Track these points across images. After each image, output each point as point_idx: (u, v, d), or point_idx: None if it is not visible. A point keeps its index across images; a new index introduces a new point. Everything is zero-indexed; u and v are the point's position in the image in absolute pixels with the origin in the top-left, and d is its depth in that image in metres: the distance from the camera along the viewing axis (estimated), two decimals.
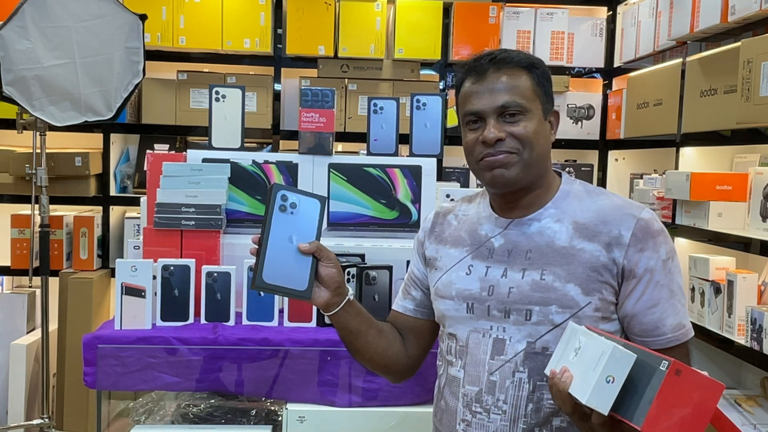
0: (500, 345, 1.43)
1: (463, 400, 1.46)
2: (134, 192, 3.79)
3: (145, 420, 2.15)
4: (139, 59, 3.08)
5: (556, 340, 1.37)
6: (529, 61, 1.46)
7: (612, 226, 1.41)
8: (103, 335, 2.07)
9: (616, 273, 1.41)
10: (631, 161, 3.85)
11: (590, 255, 1.41)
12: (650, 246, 1.41)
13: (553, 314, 1.40)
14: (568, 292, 1.39)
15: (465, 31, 3.74)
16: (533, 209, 1.47)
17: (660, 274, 1.41)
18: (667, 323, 1.41)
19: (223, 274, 2.16)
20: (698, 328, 2.76)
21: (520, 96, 1.42)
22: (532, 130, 1.42)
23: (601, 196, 1.48)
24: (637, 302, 1.41)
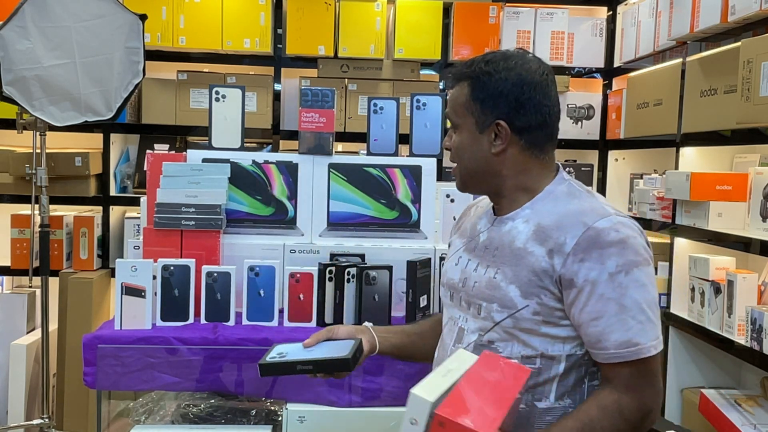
0: (461, 334, 1.53)
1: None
2: (134, 192, 3.79)
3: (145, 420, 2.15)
4: (139, 59, 3.08)
5: (499, 337, 1.45)
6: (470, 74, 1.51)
7: (561, 232, 1.41)
8: (103, 335, 2.07)
9: (555, 280, 1.40)
10: (631, 161, 3.85)
11: (535, 259, 1.42)
12: (594, 257, 1.37)
13: (494, 312, 1.45)
14: (508, 293, 1.43)
15: (465, 31, 3.74)
16: (513, 208, 1.52)
17: (605, 287, 1.36)
18: (610, 338, 1.36)
19: (223, 274, 2.16)
20: (698, 328, 2.77)
21: (453, 111, 1.53)
22: (457, 144, 1.53)
23: (575, 200, 1.47)
24: (581, 313, 1.38)
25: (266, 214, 2.38)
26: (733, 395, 2.75)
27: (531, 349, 1.43)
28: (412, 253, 2.30)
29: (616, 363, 1.37)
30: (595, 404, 1.37)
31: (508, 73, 1.48)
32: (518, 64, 1.49)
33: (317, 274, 2.17)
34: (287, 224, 2.38)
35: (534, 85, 1.48)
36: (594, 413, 1.36)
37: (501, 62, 1.49)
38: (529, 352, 1.43)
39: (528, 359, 1.43)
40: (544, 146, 1.52)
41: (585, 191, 1.51)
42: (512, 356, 1.43)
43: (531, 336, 1.43)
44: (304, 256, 2.30)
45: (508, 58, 1.50)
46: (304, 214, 2.39)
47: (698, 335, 2.81)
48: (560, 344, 1.43)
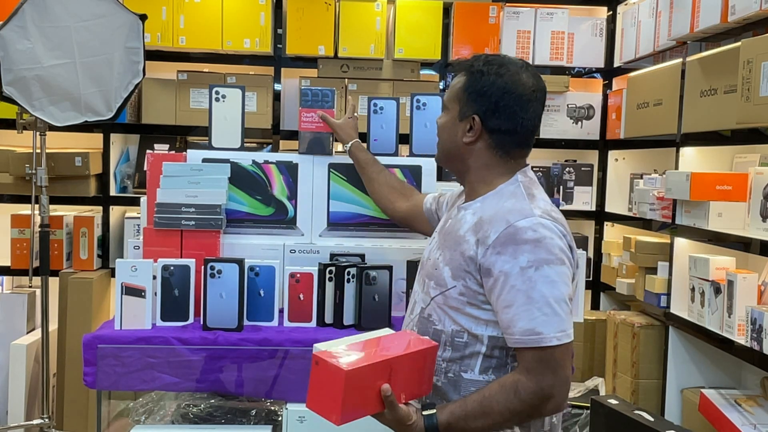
0: (413, 306, 1.73)
1: None
2: (134, 192, 3.79)
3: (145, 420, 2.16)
4: (139, 59, 3.08)
5: (434, 310, 1.64)
6: (468, 68, 1.66)
7: (489, 226, 1.56)
8: (103, 335, 2.07)
9: (476, 268, 1.56)
10: (631, 161, 3.85)
11: (467, 246, 1.59)
12: (509, 252, 1.51)
13: (431, 288, 1.65)
14: (443, 273, 1.62)
15: (465, 31, 3.74)
16: (470, 199, 1.69)
17: (516, 279, 1.50)
18: (517, 325, 1.50)
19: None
20: (698, 328, 2.77)
21: (447, 95, 1.71)
22: (440, 124, 1.73)
23: (512, 200, 1.60)
24: (497, 300, 1.54)
25: (266, 214, 2.38)
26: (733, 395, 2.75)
27: (459, 326, 1.61)
28: (412, 253, 2.30)
29: (520, 348, 1.52)
30: (498, 382, 1.54)
31: (498, 78, 1.62)
32: (511, 73, 1.63)
33: (317, 274, 2.17)
34: (287, 224, 2.38)
35: (516, 96, 1.62)
36: (494, 388, 1.53)
37: (496, 66, 1.64)
38: (458, 327, 1.61)
39: (457, 333, 1.61)
40: (510, 150, 1.65)
41: (526, 194, 1.61)
42: (445, 330, 1.62)
43: (458, 314, 1.60)
44: (304, 256, 2.30)
45: (504, 65, 1.64)
46: (304, 214, 2.39)
47: (698, 335, 2.82)
48: (483, 326, 1.59)
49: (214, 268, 2.10)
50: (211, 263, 2.11)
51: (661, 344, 3.08)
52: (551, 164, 3.92)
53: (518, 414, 1.52)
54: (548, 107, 3.87)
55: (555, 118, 3.88)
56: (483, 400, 1.52)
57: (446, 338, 1.61)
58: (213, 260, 2.12)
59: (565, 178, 3.90)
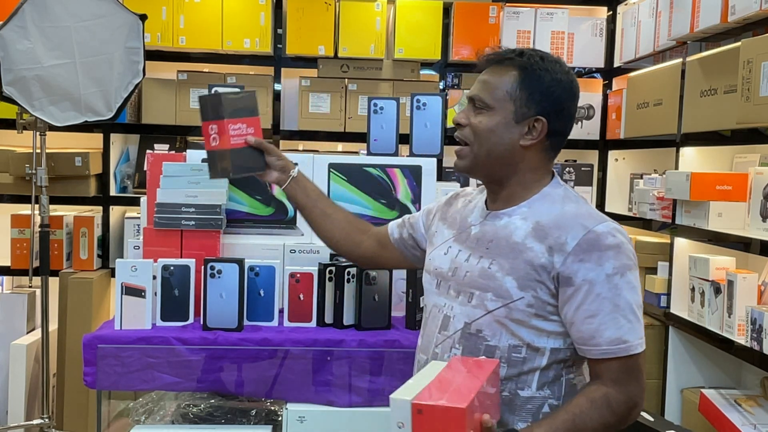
0: (447, 321, 1.57)
1: (417, 366, 1.64)
2: (134, 192, 3.79)
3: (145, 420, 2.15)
4: (139, 59, 3.08)
5: (488, 325, 1.50)
6: (523, 64, 1.53)
7: (563, 231, 1.47)
8: (103, 335, 2.07)
9: (552, 276, 1.47)
10: (631, 161, 3.85)
11: (534, 254, 1.48)
12: (593, 258, 1.45)
13: (488, 301, 1.50)
14: (504, 284, 1.49)
15: (465, 31, 3.74)
16: (509, 204, 1.57)
17: (602, 287, 1.44)
18: (604, 335, 1.44)
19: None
20: (698, 328, 2.77)
21: (488, 93, 1.53)
22: (485, 126, 1.53)
23: (571, 204, 1.53)
24: (577, 311, 1.45)
25: (266, 214, 2.38)
26: (733, 395, 2.75)
27: (518, 340, 1.50)
28: None
29: (606, 359, 1.45)
30: (585, 398, 1.45)
31: (564, 75, 1.54)
32: (569, 71, 1.57)
33: (317, 274, 2.17)
34: (287, 224, 2.38)
35: (575, 96, 1.57)
36: (584, 405, 1.43)
37: (557, 64, 1.55)
38: (516, 341, 1.50)
39: (514, 348, 1.50)
40: (558, 152, 1.60)
41: (580, 197, 1.58)
42: (499, 345, 1.50)
43: (520, 327, 1.49)
44: (304, 256, 2.30)
45: (560, 62, 1.57)
46: None
47: (698, 335, 2.82)
48: (545, 338, 1.50)
49: (214, 268, 2.10)
50: (211, 263, 2.11)
51: (661, 344, 3.08)
52: None
53: (611, 427, 1.46)
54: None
55: None
56: (575, 418, 1.42)
57: (501, 354, 1.50)
58: (213, 260, 2.12)
59: (565, 178, 3.90)
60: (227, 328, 2.10)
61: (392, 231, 1.88)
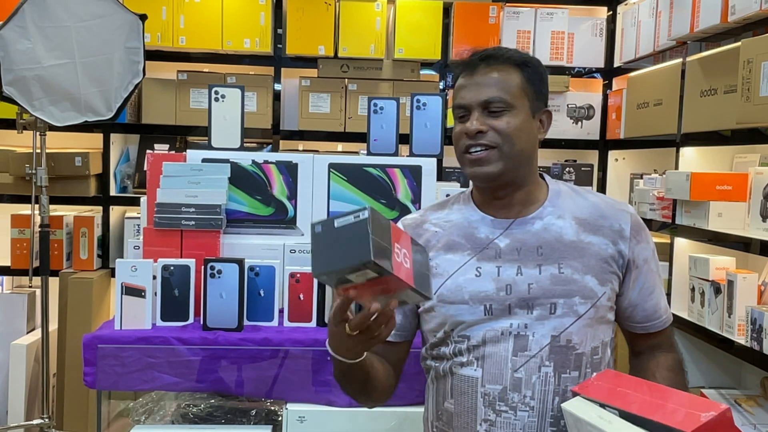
0: (523, 341, 1.43)
1: (484, 400, 1.44)
2: (134, 192, 3.79)
3: (145, 420, 2.15)
4: (139, 59, 3.08)
5: (578, 332, 1.44)
6: (522, 59, 1.51)
7: (612, 220, 1.51)
8: (103, 335, 2.07)
9: (621, 264, 1.50)
10: (631, 161, 3.85)
11: (598, 248, 1.48)
12: (644, 237, 1.54)
13: (577, 305, 1.44)
14: (587, 284, 1.46)
15: (465, 31, 3.74)
16: (533, 208, 1.52)
17: (654, 263, 1.55)
18: (661, 306, 1.56)
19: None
20: (698, 328, 2.76)
21: (505, 92, 1.46)
22: (514, 125, 1.46)
23: (589, 195, 1.58)
24: (641, 291, 1.53)
25: (266, 214, 2.38)
26: (733, 395, 2.75)
27: (597, 339, 1.48)
28: None
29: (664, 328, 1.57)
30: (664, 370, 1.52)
31: (544, 67, 1.57)
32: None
33: None
34: (287, 224, 2.38)
35: None
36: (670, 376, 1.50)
37: (529, 55, 1.57)
38: (596, 342, 1.48)
39: (594, 350, 1.48)
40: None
41: (581, 188, 1.63)
42: (585, 351, 1.45)
43: (600, 324, 1.49)
44: (304, 256, 2.29)
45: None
46: (304, 214, 2.38)
47: (698, 335, 2.81)
48: (609, 329, 1.53)
49: (214, 268, 2.10)
50: (211, 263, 2.11)
51: None
52: (551, 164, 3.91)
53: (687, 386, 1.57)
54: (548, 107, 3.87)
55: (555, 118, 3.85)
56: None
57: (586, 360, 1.45)
58: (213, 260, 2.12)
59: (565, 178, 3.90)
60: (227, 328, 2.10)
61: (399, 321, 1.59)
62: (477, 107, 1.47)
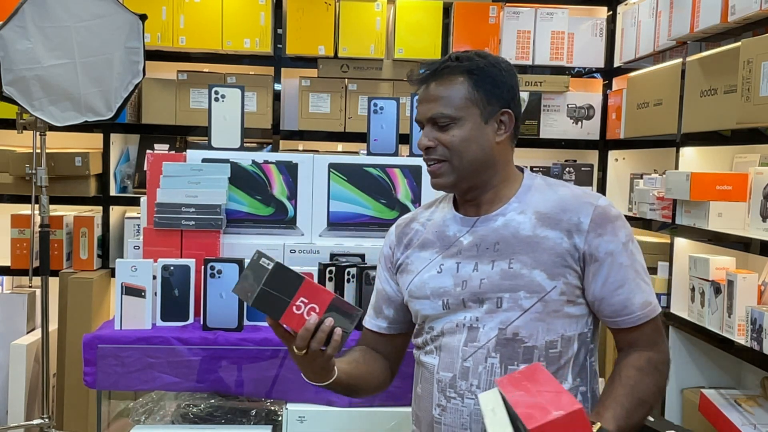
0: (474, 333, 1.50)
1: (437, 386, 1.53)
2: (134, 192, 3.79)
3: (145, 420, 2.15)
4: (139, 59, 3.08)
5: (525, 325, 1.47)
6: (469, 68, 1.51)
7: (572, 213, 1.50)
8: (103, 335, 2.07)
9: (578, 258, 1.49)
10: (631, 161, 3.85)
11: (553, 242, 1.49)
12: (609, 230, 1.48)
13: (522, 299, 1.47)
14: (534, 278, 1.47)
15: (465, 31, 3.74)
16: (498, 205, 1.55)
17: (622, 256, 1.48)
18: (635, 302, 1.49)
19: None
20: (698, 328, 2.77)
21: (449, 106, 1.49)
22: (459, 138, 1.50)
23: (561, 188, 1.56)
24: (605, 284, 1.49)
25: (266, 214, 2.38)
26: (733, 395, 2.75)
27: (553, 333, 1.49)
28: None
29: (640, 324, 1.49)
30: (632, 367, 1.48)
31: (504, 63, 1.55)
32: (504, 58, 1.59)
33: (317, 274, 2.17)
34: (287, 224, 2.38)
35: (517, 77, 1.58)
36: (635, 375, 1.46)
37: (493, 56, 1.56)
38: (552, 336, 1.49)
39: (550, 344, 1.49)
40: (517, 138, 1.59)
41: (561, 182, 1.61)
42: (537, 344, 1.48)
43: (555, 318, 1.49)
44: (304, 256, 2.30)
45: (492, 54, 1.58)
46: (304, 214, 2.39)
47: (698, 335, 2.81)
48: (575, 323, 1.51)
49: (214, 268, 2.10)
50: (211, 263, 2.11)
51: None
52: (551, 164, 3.91)
53: (663, 389, 1.52)
54: (548, 107, 3.87)
55: (555, 118, 3.88)
56: (632, 390, 1.44)
57: (539, 354, 1.48)
58: (213, 260, 2.12)
59: (565, 178, 3.90)
60: (227, 328, 2.10)
61: (377, 326, 1.69)
62: (427, 123, 1.53)
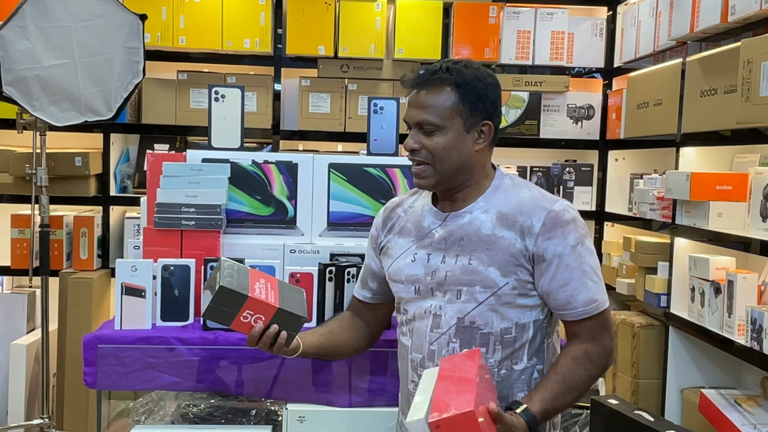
0: (438, 320, 1.68)
1: (411, 365, 1.73)
2: (134, 192, 3.79)
3: (145, 420, 2.15)
4: (139, 59, 3.08)
5: (480, 315, 1.64)
6: (457, 81, 1.65)
7: (526, 216, 1.64)
8: (103, 335, 2.07)
9: (528, 258, 1.63)
10: (631, 161, 3.85)
11: (508, 242, 1.64)
12: (558, 234, 1.62)
13: (477, 293, 1.64)
14: (489, 275, 1.64)
15: (465, 31, 3.74)
16: (467, 203, 1.70)
17: (569, 258, 1.62)
18: (578, 299, 1.63)
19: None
20: (698, 328, 2.77)
21: (436, 115, 1.65)
22: (442, 145, 1.65)
23: (524, 190, 1.70)
24: (551, 282, 1.63)
25: (266, 214, 2.38)
26: (733, 395, 2.75)
27: (507, 321, 1.65)
28: None
29: (582, 319, 1.64)
30: (569, 357, 1.64)
31: (490, 77, 1.69)
32: (489, 72, 1.71)
33: (317, 274, 2.17)
34: (287, 224, 2.38)
35: (500, 90, 1.72)
36: (569, 364, 1.63)
37: (480, 69, 1.69)
38: (506, 324, 1.66)
39: (505, 330, 1.66)
40: (495, 144, 1.74)
41: (525, 183, 1.74)
42: (492, 331, 1.65)
43: (508, 309, 1.65)
44: (304, 256, 2.30)
45: (480, 66, 1.70)
46: (304, 214, 2.38)
47: (698, 335, 2.82)
48: (529, 312, 1.67)
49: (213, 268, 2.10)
50: (211, 263, 2.11)
51: (661, 344, 3.08)
52: (551, 164, 3.92)
53: (595, 378, 1.65)
54: (548, 107, 3.87)
55: (555, 118, 3.88)
56: (564, 378, 1.61)
57: (495, 339, 1.66)
58: (213, 260, 2.12)
59: (565, 178, 3.91)
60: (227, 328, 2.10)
61: (363, 295, 1.93)
62: (414, 126, 1.69)
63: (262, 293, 1.71)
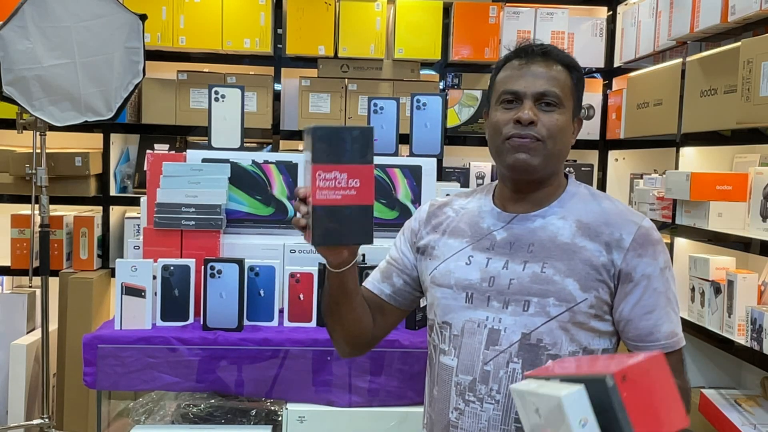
0: (495, 335, 1.45)
1: (456, 389, 1.48)
2: (134, 192, 3.79)
3: (145, 420, 2.15)
4: (139, 59, 3.08)
5: (549, 332, 1.42)
6: (572, 63, 1.53)
7: (614, 228, 1.45)
8: (103, 335, 2.07)
9: (613, 274, 1.44)
10: (631, 161, 3.85)
11: (590, 253, 1.44)
12: (650, 253, 1.45)
13: (550, 306, 1.43)
14: (566, 287, 1.43)
15: (465, 31, 3.74)
16: (539, 206, 1.51)
17: (657, 282, 1.45)
18: (662, 330, 1.45)
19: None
20: (698, 328, 2.76)
21: (560, 89, 1.47)
22: (561, 123, 1.46)
23: (605, 200, 1.53)
24: (634, 307, 1.45)
25: (266, 214, 2.38)
26: (733, 395, 2.75)
27: (576, 345, 1.45)
28: None
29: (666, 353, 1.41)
30: None
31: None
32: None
33: (317, 274, 2.17)
34: (287, 224, 2.38)
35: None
36: None
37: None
38: (574, 347, 1.45)
39: (573, 354, 1.45)
40: None
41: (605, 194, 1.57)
42: (560, 353, 1.44)
43: (580, 330, 1.44)
44: (304, 256, 2.30)
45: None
46: None
47: (698, 335, 2.81)
48: (598, 339, 1.47)
49: (214, 268, 2.10)
50: (211, 263, 2.11)
51: None
52: None
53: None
54: None
55: None
56: None
57: None
58: (213, 260, 2.12)
59: None
60: (227, 328, 2.11)
61: (380, 290, 1.64)
62: (530, 97, 1.46)
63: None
